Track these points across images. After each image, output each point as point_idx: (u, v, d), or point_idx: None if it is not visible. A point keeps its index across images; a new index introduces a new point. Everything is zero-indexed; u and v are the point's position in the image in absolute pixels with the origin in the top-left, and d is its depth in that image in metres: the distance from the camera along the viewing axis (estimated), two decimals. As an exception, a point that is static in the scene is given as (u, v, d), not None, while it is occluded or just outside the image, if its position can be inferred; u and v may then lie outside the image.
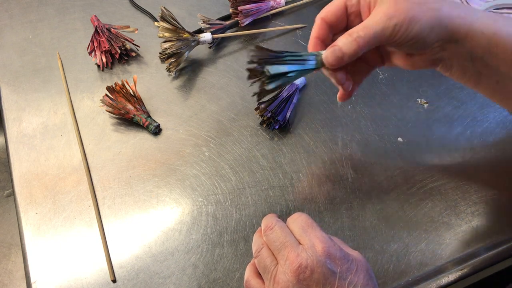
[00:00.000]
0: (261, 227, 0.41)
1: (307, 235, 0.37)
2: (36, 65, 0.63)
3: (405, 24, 0.36)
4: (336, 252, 0.36)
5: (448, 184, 0.50)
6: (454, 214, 0.48)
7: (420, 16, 0.36)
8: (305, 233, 0.37)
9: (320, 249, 0.36)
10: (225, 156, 0.54)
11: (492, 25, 0.37)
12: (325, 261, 0.35)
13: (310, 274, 0.35)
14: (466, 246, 0.46)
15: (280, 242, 0.37)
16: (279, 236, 0.37)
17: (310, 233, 0.37)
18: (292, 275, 0.35)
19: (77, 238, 0.49)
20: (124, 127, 0.57)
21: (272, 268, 0.37)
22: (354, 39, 0.37)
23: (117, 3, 0.70)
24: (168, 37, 0.59)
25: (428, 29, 0.36)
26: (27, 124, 0.58)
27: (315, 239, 0.36)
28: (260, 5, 0.64)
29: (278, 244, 0.37)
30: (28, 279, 0.46)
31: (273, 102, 0.55)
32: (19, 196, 0.52)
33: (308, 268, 0.35)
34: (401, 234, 0.47)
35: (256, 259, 0.39)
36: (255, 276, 0.39)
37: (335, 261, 0.35)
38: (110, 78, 0.61)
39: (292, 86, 0.57)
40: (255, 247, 0.39)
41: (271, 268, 0.37)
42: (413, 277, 0.44)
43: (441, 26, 0.36)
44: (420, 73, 0.59)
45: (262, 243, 0.39)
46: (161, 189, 0.51)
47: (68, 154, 0.55)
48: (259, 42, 0.64)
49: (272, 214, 0.42)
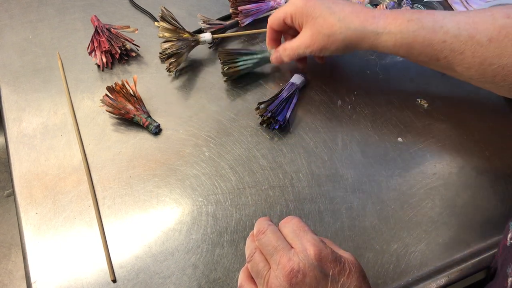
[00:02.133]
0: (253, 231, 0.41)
1: (299, 239, 0.37)
2: (36, 65, 0.63)
3: (318, 51, 0.52)
4: (328, 255, 0.36)
5: (448, 184, 0.50)
6: (454, 214, 0.48)
7: (328, 45, 0.51)
8: (297, 236, 0.37)
9: (312, 253, 0.36)
10: (225, 156, 0.54)
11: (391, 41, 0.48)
12: (317, 265, 0.35)
13: (302, 278, 0.35)
14: (466, 246, 0.46)
15: (272, 246, 0.37)
16: (271, 240, 0.37)
17: (302, 237, 0.37)
18: (285, 280, 0.35)
19: (77, 238, 0.49)
20: (124, 127, 0.57)
21: (264, 273, 0.37)
22: (287, 54, 0.55)
23: (117, 3, 0.70)
24: (168, 37, 0.59)
25: (339, 51, 0.51)
26: (27, 124, 0.58)
27: (306, 243, 0.36)
28: (260, 5, 0.64)
29: (270, 248, 0.37)
30: (28, 279, 0.46)
31: (273, 102, 0.55)
32: (19, 196, 0.52)
33: (300, 272, 0.35)
34: (401, 234, 0.47)
35: (249, 264, 0.39)
36: (249, 280, 0.39)
37: (327, 264, 0.35)
38: (110, 78, 0.62)
39: (292, 86, 0.57)
40: (248, 252, 0.39)
41: (263, 273, 0.37)
42: (413, 277, 0.44)
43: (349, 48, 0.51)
44: (420, 73, 0.59)
45: (255, 247, 0.39)
46: (161, 189, 0.51)
47: (68, 154, 0.55)
48: (259, 42, 0.64)
49: (264, 218, 0.42)
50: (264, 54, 0.59)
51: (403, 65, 0.60)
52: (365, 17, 0.49)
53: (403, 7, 0.62)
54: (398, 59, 0.61)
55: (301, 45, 0.52)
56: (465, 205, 0.48)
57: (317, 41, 0.51)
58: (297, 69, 0.60)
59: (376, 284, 0.44)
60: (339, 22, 0.49)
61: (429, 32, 0.47)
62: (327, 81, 0.59)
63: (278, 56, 0.56)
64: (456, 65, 0.47)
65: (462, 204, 0.48)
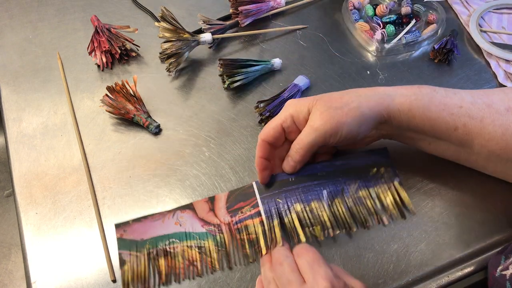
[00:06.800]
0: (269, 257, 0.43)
1: (312, 273, 0.38)
2: (36, 65, 0.63)
3: (333, 131, 0.42)
4: None
5: (448, 184, 0.50)
6: (454, 214, 0.48)
7: (343, 119, 0.42)
8: (311, 269, 0.39)
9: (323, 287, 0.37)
10: (225, 156, 0.54)
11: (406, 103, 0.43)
12: None
13: None
14: (466, 246, 0.46)
15: (286, 278, 0.39)
16: (286, 273, 0.39)
17: (315, 270, 0.38)
18: None
19: (77, 238, 0.49)
20: (124, 127, 0.57)
21: None
22: (296, 151, 0.45)
23: (117, 3, 0.70)
24: (168, 37, 0.59)
25: (356, 126, 0.43)
26: (27, 124, 0.58)
27: (318, 277, 0.38)
28: (260, 6, 0.64)
29: (284, 280, 0.39)
30: (28, 279, 0.46)
31: (273, 101, 0.55)
32: (19, 196, 0.52)
33: None
34: (401, 234, 0.47)
35: None
36: None
37: None
38: (110, 78, 0.61)
39: (294, 87, 0.57)
40: (265, 281, 0.41)
41: None
42: (413, 277, 0.44)
43: (367, 119, 0.43)
44: (420, 74, 0.59)
45: (272, 277, 0.41)
46: (161, 189, 0.51)
47: (68, 154, 0.55)
48: (260, 43, 0.64)
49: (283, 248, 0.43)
50: (265, 64, 0.59)
51: (403, 65, 0.60)
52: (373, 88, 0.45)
53: (403, 7, 0.63)
54: (398, 59, 0.61)
55: (312, 129, 0.43)
56: (465, 205, 0.48)
57: (329, 119, 0.42)
58: (301, 71, 0.60)
59: (376, 284, 0.44)
60: (348, 94, 0.44)
61: (443, 96, 0.43)
62: (327, 81, 0.59)
63: (289, 159, 0.46)
64: (475, 136, 0.42)
65: (462, 204, 0.48)
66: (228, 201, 0.48)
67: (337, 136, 0.43)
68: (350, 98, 0.43)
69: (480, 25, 0.63)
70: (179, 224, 0.47)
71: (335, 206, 0.47)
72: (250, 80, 0.59)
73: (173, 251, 0.45)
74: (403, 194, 0.48)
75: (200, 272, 0.45)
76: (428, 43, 0.61)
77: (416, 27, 0.62)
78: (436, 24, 0.61)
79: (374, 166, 0.48)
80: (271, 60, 0.60)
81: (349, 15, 0.64)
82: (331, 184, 0.48)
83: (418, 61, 0.60)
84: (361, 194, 0.47)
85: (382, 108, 0.43)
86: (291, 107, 0.45)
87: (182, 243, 0.46)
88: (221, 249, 0.46)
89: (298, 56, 0.62)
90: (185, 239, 0.46)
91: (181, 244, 0.46)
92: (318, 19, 0.66)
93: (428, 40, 0.61)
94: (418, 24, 0.62)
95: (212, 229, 0.47)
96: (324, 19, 0.66)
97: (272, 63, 0.59)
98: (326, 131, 0.42)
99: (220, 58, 0.58)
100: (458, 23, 0.64)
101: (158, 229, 0.46)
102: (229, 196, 0.48)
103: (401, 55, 0.61)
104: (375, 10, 0.64)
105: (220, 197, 0.48)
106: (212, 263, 0.45)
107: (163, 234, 0.46)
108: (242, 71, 0.57)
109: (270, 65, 0.59)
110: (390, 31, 0.61)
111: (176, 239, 0.46)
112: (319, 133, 0.43)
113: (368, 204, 0.47)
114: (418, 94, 0.43)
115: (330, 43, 0.63)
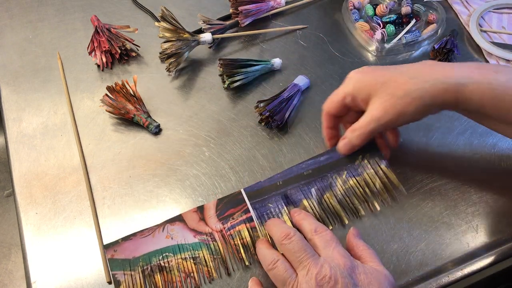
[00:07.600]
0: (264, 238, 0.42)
1: (330, 249, 0.39)
2: (36, 65, 0.63)
3: (394, 120, 0.42)
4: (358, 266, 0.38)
5: (448, 184, 0.50)
6: (454, 214, 0.48)
7: (405, 109, 0.41)
8: (329, 247, 0.39)
9: (342, 263, 0.37)
10: (225, 156, 0.54)
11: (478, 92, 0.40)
12: (347, 274, 0.37)
13: (334, 285, 0.36)
14: (466, 246, 0.46)
15: (301, 252, 0.38)
16: (299, 246, 0.39)
17: (333, 248, 0.39)
18: (316, 286, 0.36)
19: (77, 238, 0.49)
20: (124, 127, 0.57)
21: (292, 281, 0.38)
22: (356, 136, 0.45)
23: (117, 3, 0.70)
24: (168, 37, 0.59)
25: (418, 115, 0.42)
26: (27, 124, 0.58)
27: (336, 254, 0.38)
28: (260, 6, 0.64)
29: (299, 254, 0.38)
30: (28, 279, 0.46)
31: (273, 101, 0.55)
32: (19, 196, 0.52)
33: (332, 278, 0.36)
34: (401, 234, 0.47)
35: (272, 272, 0.39)
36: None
37: (356, 275, 0.37)
38: (110, 78, 0.61)
39: (294, 87, 0.57)
40: (269, 259, 0.40)
41: (291, 281, 0.38)
42: (413, 277, 0.44)
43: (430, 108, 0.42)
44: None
45: (277, 254, 0.40)
46: (161, 189, 0.51)
47: (68, 154, 0.55)
48: (260, 43, 0.64)
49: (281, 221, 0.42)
50: (265, 64, 0.59)
51: (403, 65, 0.60)
52: (442, 69, 0.42)
53: (403, 6, 0.63)
54: (398, 59, 0.61)
55: (373, 119, 0.43)
56: (465, 205, 0.48)
57: (390, 108, 0.42)
58: (301, 71, 0.60)
59: (376, 284, 0.44)
60: (412, 79, 0.42)
61: None
62: (327, 81, 0.59)
63: (347, 142, 0.47)
64: None
65: (462, 204, 0.48)
66: (218, 209, 0.48)
67: (397, 124, 0.43)
68: (415, 85, 0.41)
69: (480, 25, 0.63)
70: (171, 237, 0.46)
71: (325, 201, 0.47)
72: (250, 80, 0.59)
73: (168, 265, 0.45)
74: (392, 176, 0.48)
75: (198, 283, 0.44)
76: (428, 43, 0.61)
77: (416, 27, 0.62)
78: (436, 24, 0.61)
79: (359, 155, 0.48)
80: (271, 60, 0.60)
81: (349, 15, 0.64)
82: (319, 180, 0.48)
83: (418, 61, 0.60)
84: (349, 184, 0.48)
85: (449, 96, 0.41)
86: (353, 83, 0.45)
87: (176, 256, 0.45)
88: (216, 256, 0.45)
89: (298, 56, 0.62)
90: (178, 252, 0.45)
91: (175, 257, 0.45)
92: (318, 19, 0.66)
93: (428, 40, 0.61)
94: (418, 24, 0.62)
95: (205, 238, 0.46)
96: (324, 19, 0.66)
97: (272, 63, 0.59)
98: (387, 121, 0.42)
99: (220, 58, 0.58)
100: (458, 23, 0.64)
101: (149, 245, 0.46)
102: (218, 204, 0.48)
103: (401, 55, 0.61)
104: (375, 10, 0.64)
105: (209, 206, 0.48)
106: (210, 272, 0.45)
107: (155, 250, 0.46)
108: (242, 71, 0.57)
109: (270, 65, 0.59)
110: (390, 31, 0.61)
111: (170, 253, 0.45)
112: (380, 123, 0.43)
113: (358, 192, 0.48)
114: (493, 83, 0.40)
115: (330, 43, 0.63)
